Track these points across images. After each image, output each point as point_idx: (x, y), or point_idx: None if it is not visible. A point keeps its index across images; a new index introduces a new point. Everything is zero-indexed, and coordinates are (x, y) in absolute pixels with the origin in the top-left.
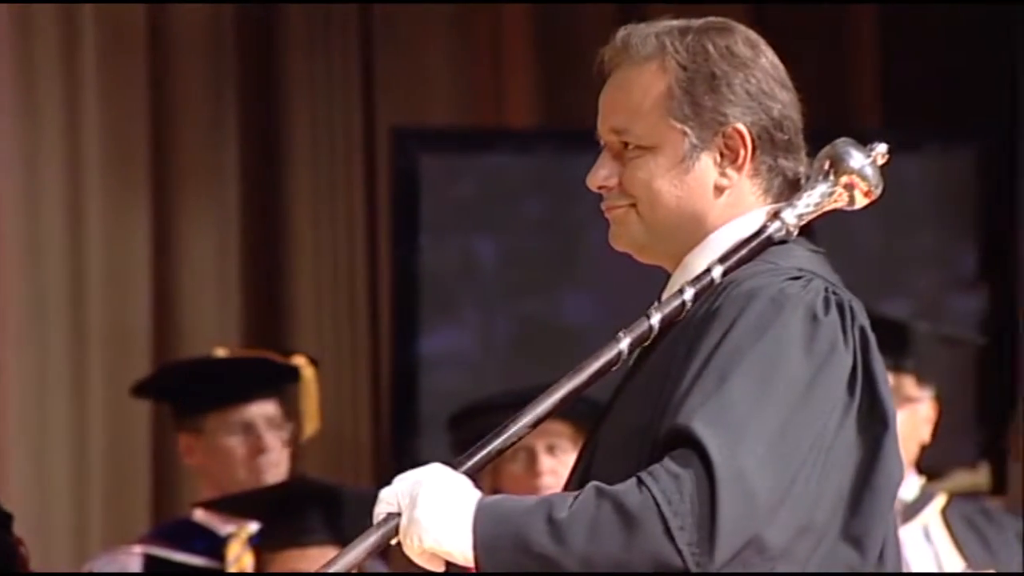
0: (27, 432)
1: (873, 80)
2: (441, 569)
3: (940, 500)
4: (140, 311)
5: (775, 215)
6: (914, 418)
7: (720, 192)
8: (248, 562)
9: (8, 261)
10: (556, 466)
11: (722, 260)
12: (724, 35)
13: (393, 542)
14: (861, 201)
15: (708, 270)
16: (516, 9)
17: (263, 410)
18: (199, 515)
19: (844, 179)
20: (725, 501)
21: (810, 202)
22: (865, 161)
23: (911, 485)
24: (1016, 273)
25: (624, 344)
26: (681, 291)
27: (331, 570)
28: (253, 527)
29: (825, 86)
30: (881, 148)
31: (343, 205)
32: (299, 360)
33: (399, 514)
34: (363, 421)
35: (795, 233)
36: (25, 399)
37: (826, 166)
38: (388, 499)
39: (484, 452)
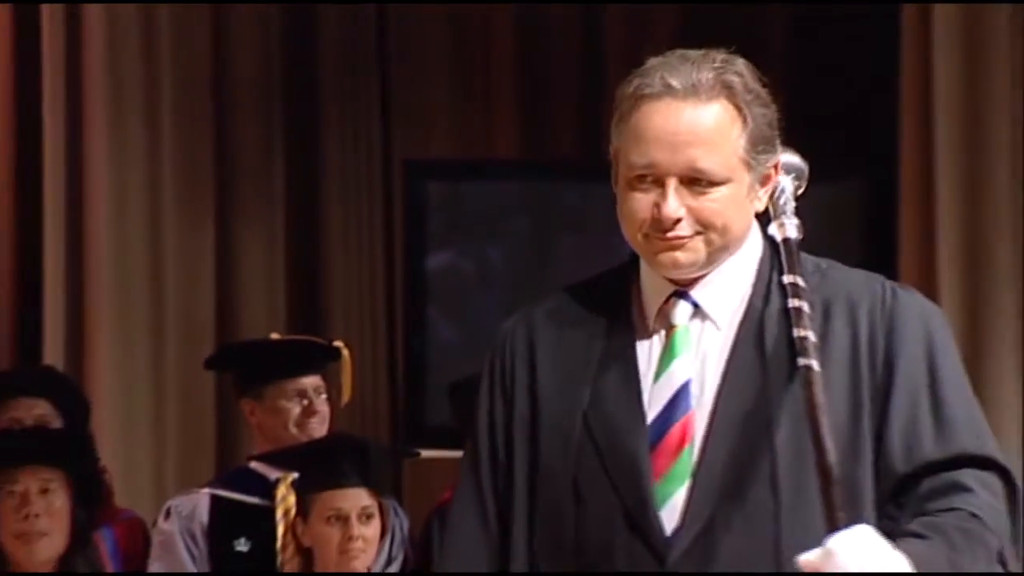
0: (116, 404)
1: None
2: None
3: None
4: (206, 309)
5: (780, 225)
6: None
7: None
8: (292, 501)
9: (101, 271)
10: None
11: (790, 270)
12: (751, 69)
13: None
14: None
15: (795, 283)
16: (503, 55)
17: (312, 382)
18: (254, 464)
19: (801, 183)
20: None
21: (792, 207)
22: (802, 161)
23: None
24: None
25: (816, 365)
26: (798, 309)
27: None
28: (296, 474)
29: None
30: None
31: (367, 224)
32: (339, 343)
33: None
34: (382, 394)
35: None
36: (114, 378)
37: (786, 172)
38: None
39: (835, 507)
